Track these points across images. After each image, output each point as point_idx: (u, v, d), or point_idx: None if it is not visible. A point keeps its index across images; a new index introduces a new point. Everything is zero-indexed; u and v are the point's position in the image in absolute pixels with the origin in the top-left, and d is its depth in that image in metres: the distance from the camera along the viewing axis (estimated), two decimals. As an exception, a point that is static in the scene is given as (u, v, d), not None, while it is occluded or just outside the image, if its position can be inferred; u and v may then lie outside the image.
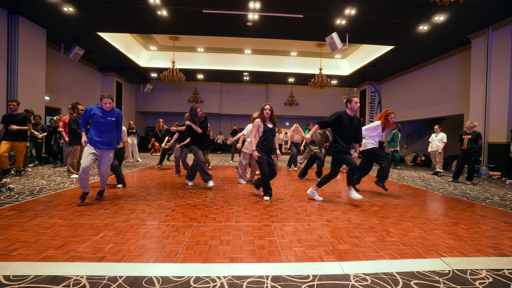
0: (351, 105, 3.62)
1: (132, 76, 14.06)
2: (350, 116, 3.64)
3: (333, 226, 2.70)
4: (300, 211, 3.29)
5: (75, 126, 5.50)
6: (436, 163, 7.44)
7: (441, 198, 4.29)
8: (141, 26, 8.41)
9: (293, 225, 2.72)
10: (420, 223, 2.84)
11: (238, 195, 4.13)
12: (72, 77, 11.01)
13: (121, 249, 2.10)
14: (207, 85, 16.77)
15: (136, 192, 4.23)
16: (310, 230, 2.57)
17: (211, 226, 2.68)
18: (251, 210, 3.28)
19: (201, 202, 3.67)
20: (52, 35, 8.91)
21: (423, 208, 3.53)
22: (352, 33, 8.43)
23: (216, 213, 3.13)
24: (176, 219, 2.89)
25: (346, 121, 3.59)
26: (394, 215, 3.16)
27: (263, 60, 13.13)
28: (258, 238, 2.35)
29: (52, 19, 7.78)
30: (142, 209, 3.24)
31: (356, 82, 14.72)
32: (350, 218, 3.01)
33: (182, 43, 11.53)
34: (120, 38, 10.37)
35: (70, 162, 5.54)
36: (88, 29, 8.50)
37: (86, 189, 3.47)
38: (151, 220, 2.84)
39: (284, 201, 3.83)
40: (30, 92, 7.93)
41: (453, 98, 9.74)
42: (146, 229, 2.55)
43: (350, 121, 3.62)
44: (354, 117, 3.68)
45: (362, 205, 3.65)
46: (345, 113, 3.64)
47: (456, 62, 9.58)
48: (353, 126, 3.64)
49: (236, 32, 8.72)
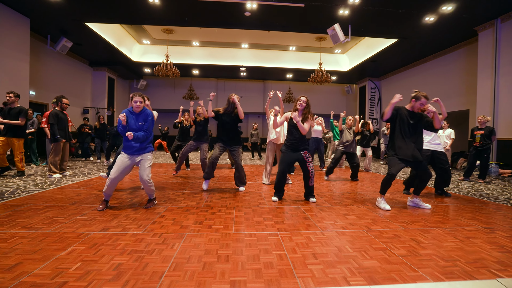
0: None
1: (125, 72, 13.48)
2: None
3: (352, 235, 2.28)
4: (309, 215, 2.86)
5: (54, 121, 4.99)
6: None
7: (460, 198, 3.91)
8: (131, 16, 7.89)
9: (304, 234, 2.29)
10: (451, 230, 2.44)
11: (237, 197, 3.69)
12: (61, 71, 10.41)
13: (90, 270, 1.65)
14: (203, 82, 16.26)
15: (122, 194, 3.77)
16: (325, 241, 2.14)
17: (206, 236, 2.24)
18: (253, 215, 2.84)
19: (195, 205, 3.23)
20: (37, 25, 8.33)
21: (446, 211, 3.13)
22: (355, 25, 8.02)
23: (212, 219, 2.68)
24: (164, 227, 2.45)
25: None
26: (416, 219, 2.76)
27: (260, 55, 12.67)
28: (264, 252, 1.92)
29: (36, 7, 7.22)
30: (126, 215, 2.78)
31: (355, 78, 14.35)
32: (368, 224, 2.59)
33: (176, 36, 11.00)
34: (110, 31, 9.82)
35: (51, 161, 5.04)
36: (75, 18, 7.94)
37: (108, 197, 3.04)
38: (134, 228, 2.39)
39: (288, 203, 3.40)
40: (12, 86, 7.35)
41: (458, 94, 9.42)
42: (126, 241, 2.10)
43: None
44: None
45: (377, 208, 3.24)
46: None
47: (461, 56, 9.24)
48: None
49: (234, 23, 8.25)
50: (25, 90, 7.85)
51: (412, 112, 3.19)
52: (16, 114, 4.86)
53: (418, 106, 3.17)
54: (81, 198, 3.45)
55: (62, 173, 5.26)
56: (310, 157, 3.47)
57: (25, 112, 4.92)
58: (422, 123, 3.18)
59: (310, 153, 5.84)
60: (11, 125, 4.87)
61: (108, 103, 12.84)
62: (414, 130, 3.14)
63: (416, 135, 3.15)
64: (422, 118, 3.19)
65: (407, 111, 3.19)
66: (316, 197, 3.79)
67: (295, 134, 3.43)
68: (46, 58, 9.56)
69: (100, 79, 12.68)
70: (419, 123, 3.17)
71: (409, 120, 3.14)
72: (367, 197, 3.82)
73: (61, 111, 5.29)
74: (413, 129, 3.14)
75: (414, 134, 3.14)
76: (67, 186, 4.18)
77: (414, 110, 3.20)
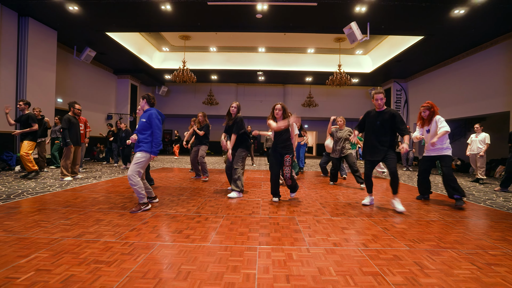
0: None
1: (147, 79, 14.02)
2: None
3: (342, 254, 1.95)
4: (302, 227, 2.56)
5: (67, 126, 5.17)
6: (477, 168, 6.29)
7: (491, 213, 3.34)
8: (147, 23, 8.13)
9: (286, 250, 2.01)
10: (469, 253, 2.01)
11: (232, 204, 3.48)
12: (87, 79, 11.06)
13: (37, 281, 1.53)
14: (222, 87, 16.41)
15: (119, 198, 3.73)
16: (308, 260, 1.85)
17: (178, 247, 2.05)
18: (240, 225, 2.61)
19: (184, 212, 3.07)
20: (64, 37, 8.92)
21: (469, 228, 2.65)
22: (373, 23, 7.53)
23: (194, 228, 2.50)
24: (140, 235, 2.30)
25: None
26: (428, 237, 2.34)
27: (278, 58, 12.48)
28: (231, 270, 1.68)
29: (61, 20, 7.72)
30: (109, 220, 2.69)
31: (380, 80, 13.57)
32: (366, 241, 2.23)
33: (193, 42, 11.21)
34: (131, 39, 10.25)
35: (63, 164, 5.21)
36: (96, 29, 8.38)
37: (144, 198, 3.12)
38: (109, 235, 2.27)
39: (285, 212, 3.12)
40: (40, 94, 7.89)
41: (495, 94, 8.42)
42: (93, 249, 1.97)
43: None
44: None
45: (385, 221, 2.84)
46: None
47: (499, 52, 8.27)
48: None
49: (246, 26, 8.16)
50: (51, 98, 8.38)
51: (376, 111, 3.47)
52: (25, 120, 5.16)
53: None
54: (77, 201, 3.46)
55: (73, 176, 5.43)
56: (289, 161, 3.64)
57: (32, 117, 5.18)
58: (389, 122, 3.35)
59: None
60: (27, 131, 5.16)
61: (130, 109, 13.38)
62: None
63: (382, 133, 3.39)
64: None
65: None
66: (318, 206, 3.46)
67: (277, 138, 3.68)
68: (73, 67, 10.20)
69: (123, 86, 13.29)
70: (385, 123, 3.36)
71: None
72: (375, 209, 3.40)
73: (74, 116, 5.48)
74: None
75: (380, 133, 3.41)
76: (71, 189, 4.26)
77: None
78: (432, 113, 3.74)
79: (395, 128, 3.31)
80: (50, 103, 8.33)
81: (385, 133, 3.32)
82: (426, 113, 3.77)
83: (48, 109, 8.15)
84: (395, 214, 3.15)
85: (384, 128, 3.33)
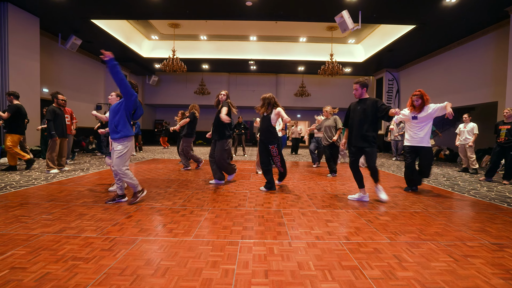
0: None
1: (136, 68, 13.67)
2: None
3: (323, 247, 1.96)
4: (286, 220, 2.57)
5: (51, 117, 5.03)
6: (467, 158, 6.38)
7: (474, 203, 3.42)
8: (134, 10, 7.83)
9: (268, 244, 2.02)
10: (448, 245, 2.04)
11: (219, 197, 3.47)
12: (74, 68, 10.71)
13: (11, 280, 1.49)
14: (214, 76, 16.14)
15: (105, 191, 3.68)
16: (289, 254, 1.86)
17: (160, 242, 2.04)
18: (224, 219, 2.60)
19: (170, 205, 3.05)
20: (47, 24, 8.55)
21: (451, 219, 2.70)
22: (365, 11, 7.40)
23: (178, 222, 2.48)
24: (123, 229, 2.28)
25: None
26: (410, 229, 2.37)
27: (270, 47, 12.27)
28: (210, 266, 1.68)
29: (43, 6, 7.37)
30: (93, 214, 2.66)
31: (372, 69, 13.53)
32: (349, 233, 2.25)
33: (183, 31, 10.90)
34: (118, 27, 9.90)
35: (48, 157, 5.09)
36: (81, 16, 8.05)
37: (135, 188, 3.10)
38: (90, 231, 2.24)
39: (271, 205, 3.12)
40: (23, 84, 7.62)
41: (484, 84, 8.49)
42: (72, 245, 1.94)
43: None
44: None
45: (370, 213, 2.88)
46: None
47: (489, 42, 8.29)
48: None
49: (236, 14, 7.94)
50: (36, 88, 8.11)
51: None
52: (8, 111, 5.00)
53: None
54: (61, 195, 3.40)
55: (60, 169, 5.33)
56: (276, 151, 3.82)
57: (10, 108, 4.98)
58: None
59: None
60: (9, 122, 4.99)
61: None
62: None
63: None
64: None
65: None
66: (305, 198, 3.48)
67: (260, 128, 3.93)
68: (58, 56, 9.84)
69: (112, 76, 12.92)
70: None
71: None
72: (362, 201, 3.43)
73: (59, 107, 5.33)
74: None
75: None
76: (56, 182, 4.18)
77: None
78: (424, 102, 3.75)
79: (378, 111, 3.18)
80: (35, 93, 8.07)
81: (366, 120, 3.26)
82: (419, 102, 3.75)
83: (34, 100, 7.91)
84: (380, 205, 3.19)
85: (365, 114, 3.27)
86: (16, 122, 5.06)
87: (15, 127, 5.09)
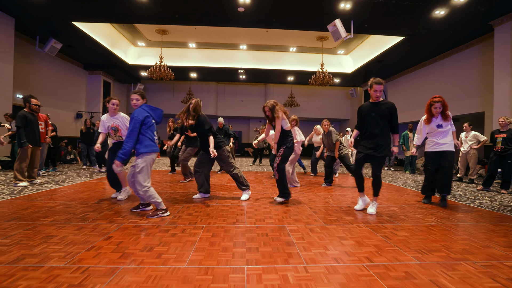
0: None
1: (121, 75, 13.14)
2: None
3: (346, 273, 1.64)
4: (294, 239, 2.24)
5: (22, 124, 4.49)
6: (469, 168, 6.36)
7: (485, 214, 3.22)
8: (119, 14, 7.46)
9: (280, 270, 1.67)
10: (485, 265, 1.78)
11: (213, 212, 3.09)
12: (52, 74, 10.06)
13: None
14: (202, 85, 15.83)
15: (82, 206, 3.20)
16: (308, 283, 1.52)
17: (146, 271, 1.64)
18: (223, 238, 2.23)
19: (158, 222, 2.64)
20: (24, 25, 7.99)
21: (472, 234, 2.46)
22: (357, 21, 7.44)
23: (168, 244, 2.08)
24: (99, 255, 1.86)
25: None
26: (435, 247, 2.10)
27: (260, 56, 12.17)
28: (213, 304, 1.31)
29: (19, 5, 6.87)
30: (63, 236, 2.21)
31: (360, 80, 13.70)
32: (370, 253, 1.95)
33: (171, 37, 10.60)
34: (102, 32, 9.46)
35: (17, 167, 4.52)
36: (61, 18, 7.58)
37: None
38: (58, 258, 1.80)
39: (273, 220, 2.78)
40: (-7, 88, 6.99)
41: (471, 95, 8.68)
42: (29, 281, 1.51)
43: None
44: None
45: (383, 227, 2.59)
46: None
47: (475, 54, 8.54)
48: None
49: (228, 21, 7.76)
50: (9, 93, 7.47)
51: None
52: None
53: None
54: (26, 212, 2.90)
55: (30, 181, 4.75)
56: (280, 152, 3.57)
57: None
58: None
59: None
60: None
61: (103, 108, 12.46)
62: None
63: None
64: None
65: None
66: (309, 211, 3.16)
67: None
68: (35, 60, 9.22)
69: (95, 83, 12.34)
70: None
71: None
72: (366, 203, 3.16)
73: (31, 113, 4.80)
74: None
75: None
76: (24, 197, 3.65)
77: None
78: (445, 108, 3.55)
79: (391, 123, 3.08)
80: (7, 98, 7.42)
81: (378, 126, 3.06)
82: (441, 109, 3.55)
83: (5, 106, 7.25)
84: (391, 218, 2.93)
85: (377, 121, 3.06)
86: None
87: None
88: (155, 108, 3.01)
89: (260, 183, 5.36)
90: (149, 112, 2.89)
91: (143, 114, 2.79)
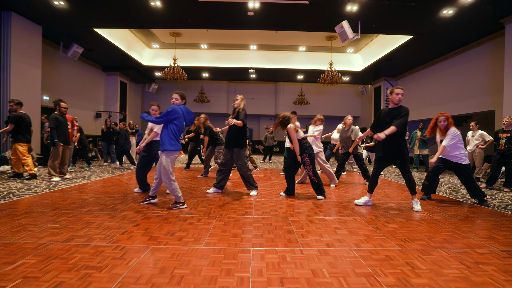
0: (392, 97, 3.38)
1: (137, 76, 13.75)
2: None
3: (335, 255, 1.97)
4: (295, 228, 2.57)
5: (54, 125, 5.03)
6: (476, 167, 6.48)
7: (478, 210, 3.44)
8: (136, 19, 7.94)
9: (280, 252, 2.02)
10: (458, 252, 2.06)
11: (225, 205, 3.46)
12: (74, 76, 10.75)
13: (24, 290, 1.48)
14: (213, 84, 16.27)
15: (110, 198, 3.66)
16: (302, 261, 1.86)
17: (170, 250, 2.03)
18: (233, 226, 2.60)
19: (177, 213, 3.04)
20: (50, 33, 8.62)
21: (458, 227, 2.72)
22: (365, 22, 7.58)
23: (187, 230, 2.47)
24: (132, 238, 2.27)
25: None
26: (419, 237, 2.39)
27: (270, 56, 12.44)
28: (225, 274, 1.67)
29: (46, 15, 7.45)
30: (100, 223, 2.64)
31: (370, 78, 13.72)
32: (359, 241, 2.26)
33: (184, 39, 11.04)
34: (120, 36, 10.00)
35: (50, 164, 5.07)
36: (83, 25, 8.13)
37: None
38: (100, 239, 2.22)
39: (278, 213, 3.13)
40: (24, 91, 7.62)
41: (482, 93, 8.65)
42: (83, 254, 1.93)
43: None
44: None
45: (377, 220, 2.89)
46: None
47: (485, 52, 8.49)
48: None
49: (238, 24, 8.08)
50: (37, 95, 8.12)
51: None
52: (11, 121, 5.00)
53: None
54: (65, 203, 3.37)
55: (61, 177, 5.29)
56: (306, 161, 3.89)
57: (14, 118, 5.00)
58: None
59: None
60: (14, 132, 5.00)
61: (120, 107, 13.12)
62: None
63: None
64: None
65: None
66: (311, 205, 3.48)
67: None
68: (59, 64, 9.90)
69: (112, 84, 13.00)
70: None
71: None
72: (368, 208, 3.45)
73: (61, 115, 5.33)
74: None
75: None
76: (59, 190, 4.15)
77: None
78: (448, 124, 3.73)
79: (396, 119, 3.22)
80: (36, 100, 8.07)
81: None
82: (445, 123, 3.73)
83: (34, 107, 7.90)
84: (386, 213, 3.21)
85: (389, 126, 3.21)
86: (20, 131, 5.07)
87: (21, 136, 5.09)
88: (191, 112, 3.39)
89: (269, 180, 5.70)
90: (184, 115, 3.27)
91: (176, 114, 3.16)
